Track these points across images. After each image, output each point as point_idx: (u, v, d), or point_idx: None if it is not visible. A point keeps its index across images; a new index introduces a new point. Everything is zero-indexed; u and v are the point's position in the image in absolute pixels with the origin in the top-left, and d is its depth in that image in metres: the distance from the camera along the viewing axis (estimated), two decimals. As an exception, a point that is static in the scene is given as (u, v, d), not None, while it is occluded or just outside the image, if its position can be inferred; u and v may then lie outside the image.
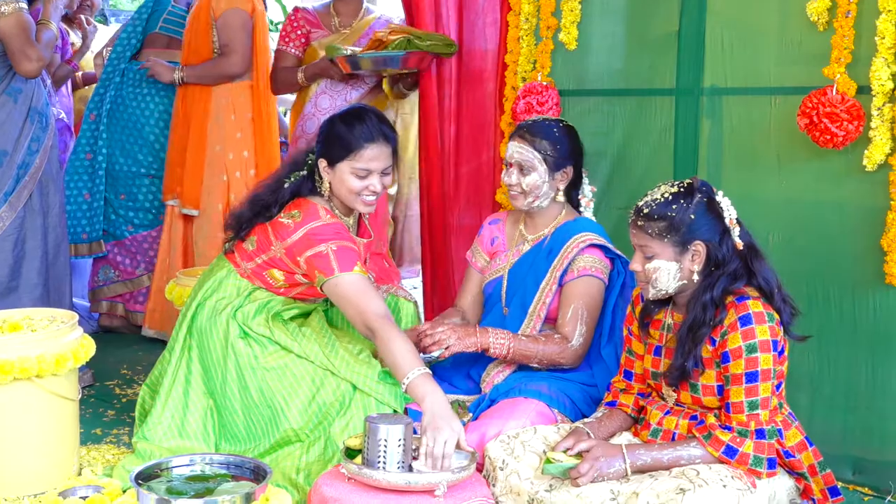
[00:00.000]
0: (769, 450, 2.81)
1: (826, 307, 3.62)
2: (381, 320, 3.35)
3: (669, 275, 2.92)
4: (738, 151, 3.81)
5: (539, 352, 3.44)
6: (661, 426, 3.00)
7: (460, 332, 3.44)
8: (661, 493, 2.71)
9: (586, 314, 3.48)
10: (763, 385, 2.80)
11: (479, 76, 4.61)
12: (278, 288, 3.62)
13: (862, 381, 3.59)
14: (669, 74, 3.97)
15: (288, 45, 5.15)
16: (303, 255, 3.48)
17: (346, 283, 3.42)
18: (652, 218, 2.91)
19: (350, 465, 2.91)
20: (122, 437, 4.08)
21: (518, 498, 2.95)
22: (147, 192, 5.71)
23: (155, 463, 2.98)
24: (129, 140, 5.67)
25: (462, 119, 4.69)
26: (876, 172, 3.43)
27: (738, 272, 2.89)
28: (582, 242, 3.53)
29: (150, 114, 5.65)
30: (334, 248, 3.44)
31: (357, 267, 3.45)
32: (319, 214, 3.52)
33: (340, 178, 3.55)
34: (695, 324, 2.88)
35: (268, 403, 3.49)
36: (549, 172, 3.56)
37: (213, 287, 3.65)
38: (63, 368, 3.43)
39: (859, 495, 3.57)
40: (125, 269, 5.78)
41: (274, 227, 3.55)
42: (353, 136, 3.53)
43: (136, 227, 5.75)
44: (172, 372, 3.61)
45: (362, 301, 3.41)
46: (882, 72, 3.36)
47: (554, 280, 3.54)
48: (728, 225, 2.90)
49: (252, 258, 3.61)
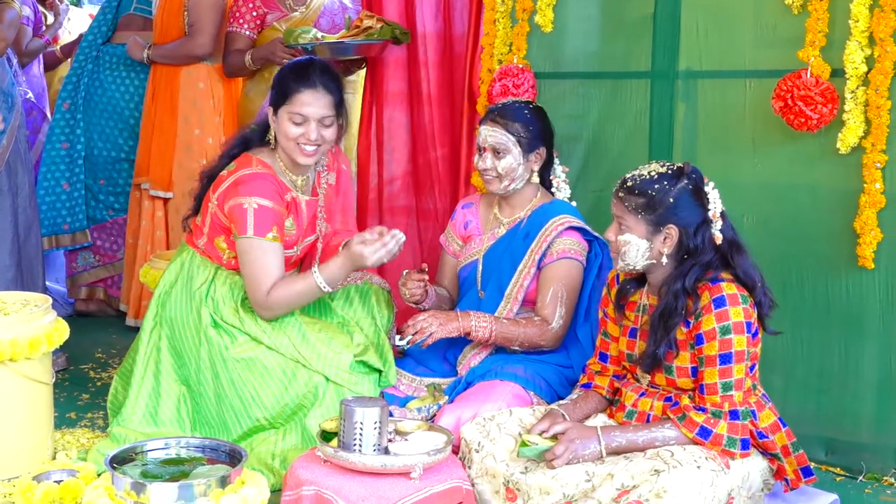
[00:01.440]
0: (743, 431, 2.83)
1: (799, 289, 3.64)
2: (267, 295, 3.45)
3: (638, 251, 2.93)
4: (713, 134, 3.82)
5: (521, 334, 3.45)
6: (636, 408, 3.01)
7: (441, 318, 3.44)
8: (636, 475, 2.72)
9: (566, 296, 3.48)
10: (737, 366, 2.81)
11: (451, 59, 4.61)
12: (228, 261, 3.60)
13: (835, 363, 3.62)
14: (645, 57, 3.98)
15: (242, 27, 5.08)
16: (227, 203, 3.48)
17: (255, 246, 3.45)
18: (633, 192, 2.92)
19: (326, 448, 2.91)
20: (96, 420, 4.06)
21: (494, 480, 2.96)
22: (128, 177, 5.66)
23: (130, 447, 2.97)
24: (108, 124, 5.62)
25: (435, 102, 4.69)
26: (849, 155, 3.45)
27: (713, 264, 2.89)
28: (560, 225, 3.53)
29: (130, 97, 5.60)
30: (255, 207, 3.45)
31: (272, 233, 3.46)
32: (251, 164, 3.53)
33: (281, 126, 3.55)
34: (666, 311, 2.89)
35: (238, 394, 3.48)
36: (523, 154, 3.56)
37: (175, 271, 3.65)
38: (36, 352, 3.41)
39: (832, 475, 3.60)
40: (106, 252, 5.73)
41: (214, 182, 3.57)
42: (291, 80, 3.55)
43: (116, 211, 5.70)
44: (143, 362, 3.60)
45: (256, 272, 3.46)
46: (856, 55, 3.38)
47: (532, 263, 3.54)
48: (710, 217, 2.90)
49: (201, 230, 3.61)
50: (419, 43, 4.70)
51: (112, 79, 5.59)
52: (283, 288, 3.47)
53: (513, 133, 3.55)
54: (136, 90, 5.60)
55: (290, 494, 2.93)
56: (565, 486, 2.82)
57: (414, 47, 4.72)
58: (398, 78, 4.83)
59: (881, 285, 3.48)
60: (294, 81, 3.54)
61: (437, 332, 3.41)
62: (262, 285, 3.46)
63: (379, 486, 2.82)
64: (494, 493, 2.96)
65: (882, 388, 3.54)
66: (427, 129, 4.73)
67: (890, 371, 3.52)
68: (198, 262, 3.62)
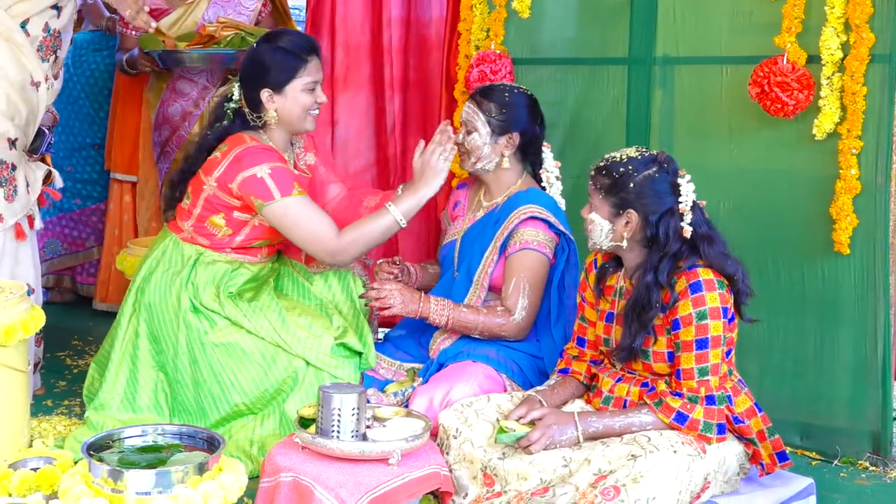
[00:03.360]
0: (719, 416, 2.85)
1: (775, 275, 3.66)
2: (338, 239, 3.44)
3: (602, 231, 2.94)
4: (690, 120, 3.84)
5: (479, 323, 3.43)
6: (613, 393, 3.02)
7: (406, 297, 3.43)
8: (613, 460, 2.73)
9: (528, 288, 3.45)
10: (713, 351, 2.83)
11: (427, 45, 4.60)
12: (222, 238, 3.59)
13: (810, 348, 3.65)
14: (622, 44, 3.98)
15: (128, 28, 5.03)
16: (234, 180, 3.46)
17: (291, 207, 3.44)
18: (601, 172, 2.94)
19: (304, 434, 2.90)
20: (73, 408, 4.04)
21: (471, 466, 2.97)
22: (94, 164, 5.62)
23: (107, 434, 2.96)
24: (70, 114, 5.54)
25: (411, 88, 4.69)
26: (825, 141, 3.47)
27: (681, 254, 2.89)
28: (524, 214, 3.49)
29: (94, 83, 5.54)
30: (269, 171, 3.44)
31: (296, 189, 3.45)
32: (245, 140, 3.52)
33: (293, 100, 3.55)
34: (637, 304, 2.90)
35: (217, 380, 3.48)
36: (491, 135, 3.54)
37: (157, 257, 3.62)
38: (12, 339, 3.38)
39: (807, 460, 3.63)
40: (74, 241, 5.68)
41: (203, 167, 3.55)
42: (291, 56, 3.55)
43: (83, 199, 5.65)
44: (120, 348, 3.58)
45: (312, 226, 3.45)
46: (832, 41, 3.39)
47: (495, 250, 3.52)
48: (679, 209, 2.89)
49: (190, 213, 3.58)
50: (384, 28, 4.69)
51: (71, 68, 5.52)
52: (356, 230, 3.48)
53: (484, 112, 3.54)
54: (101, 76, 5.53)
55: (268, 481, 2.92)
56: (542, 471, 2.83)
57: (378, 33, 4.71)
58: (363, 64, 4.81)
59: (856, 271, 3.50)
60: (295, 56, 3.55)
61: (397, 308, 3.42)
62: (325, 234, 3.46)
63: (357, 473, 2.82)
64: (472, 478, 2.97)
65: (857, 373, 3.57)
66: (395, 115, 4.72)
67: (865, 356, 3.55)
68: (180, 248, 3.61)
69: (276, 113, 3.57)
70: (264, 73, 3.56)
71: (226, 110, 3.68)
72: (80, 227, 5.68)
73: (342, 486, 2.78)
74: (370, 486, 2.79)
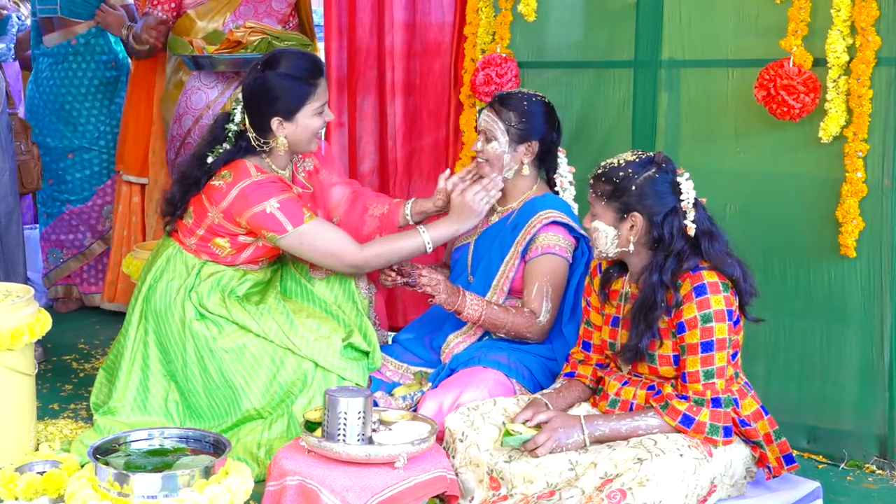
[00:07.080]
0: (725, 419, 2.84)
1: (782, 278, 3.66)
2: (361, 252, 3.48)
3: (607, 238, 2.94)
4: (696, 123, 3.83)
5: (509, 322, 3.44)
6: (619, 397, 3.02)
7: (449, 289, 3.44)
8: (619, 463, 2.73)
9: (551, 291, 3.48)
10: (719, 354, 2.82)
11: (436, 49, 4.60)
12: (225, 257, 3.59)
13: (816, 351, 3.64)
14: (628, 46, 3.98)
15: (155, 8, 4.97)
16: (242, 215, 3.45)
17: (306, 234, 3.45)
18: (601, 179, 2.93)
19: (310, 438, 2.91)
20: (79, 411, 4.05)
21: (478, 469, 2.97)
22: (81, 167, 5.60)
23: (113, 437, 2.96)
24: (52, 121, 5.51)
25: (416, 92, 4.68)
26: (831, 144, 3.46)
27: (685, 254, 2.88)
28: (545, 219, 3.51)
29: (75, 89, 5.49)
30: (277, 205, 3.43)
31: (307, 215, 3.46)
32: (250, 172, 3.49)
33: (304, 126, 3.53)
34: (644, 304, 2.90)
35: (228, 384, 3.48)
36: (510, 144, 3.55)
37: (161, 267, 3.61)
38: (18, 343, 3.39)
39: (814, 463, 3.62)
40: (71, 245, 5.65)
41: (207, 192, 3.52)
42: (301, 82, 3.51)
43: (73, 202, 5.63)
44: (130, 357, 3.58)
45: (331, 246, 3.47)
46: (838, 44, 3.39)
47: (516, 255, 3.54)
48: (682, 208, 2.89)
49: (193, 232, 3.57)
50: (386, 32, 4.69)
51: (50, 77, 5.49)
52: (383, 245, 3.53)
53: (504, 121, 3.54)
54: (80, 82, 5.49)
55: (274, 485, 2.93)
56: (549, 474, 2.83)
57: (381, 37, 4.71)
58: (369, 68, 4.81)
59: (863, 274, 3.50)
60: (304, 82, 3.50)
61: (441, 298, 3.43)
62: (344, 249, 3.49)
63: (363, 476, 2.82)
64: (478, 482, 2.97)
65: (863, 376, 3.56)
66: (397, 119, 4.72)
67: (871, 359, 3.53)
68: (184, 257, 3.60)
69: (286, 139, 3.53)
70: (273, 101, 3.49)
71: (227, 133, 3.58)
72: (74, 229, 5.64)
73: (348, 490, 2.78)
74: (376, 490, 2.80)
